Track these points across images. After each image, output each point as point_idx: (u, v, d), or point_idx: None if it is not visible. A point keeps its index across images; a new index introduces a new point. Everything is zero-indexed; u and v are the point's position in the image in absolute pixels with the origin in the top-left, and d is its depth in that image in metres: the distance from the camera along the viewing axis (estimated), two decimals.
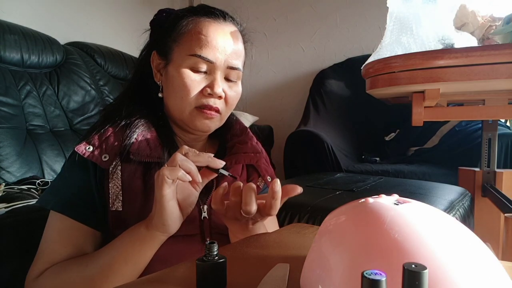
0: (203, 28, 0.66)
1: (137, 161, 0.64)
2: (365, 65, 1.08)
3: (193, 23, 0.67)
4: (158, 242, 0.58)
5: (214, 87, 0.65)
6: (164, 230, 0.56)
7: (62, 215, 0.62)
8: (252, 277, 0.41)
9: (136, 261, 0.57)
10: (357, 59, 2.39)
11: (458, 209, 1.18)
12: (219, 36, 0.66)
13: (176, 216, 0.56)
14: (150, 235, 0.57)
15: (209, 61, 0.65)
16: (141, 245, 0.57)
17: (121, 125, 0.66)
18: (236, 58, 0.68)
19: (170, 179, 0.52)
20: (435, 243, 0.31)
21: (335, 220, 0.38)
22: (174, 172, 0.52)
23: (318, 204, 1.13)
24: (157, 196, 0.54)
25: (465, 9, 1.06)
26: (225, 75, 0.68)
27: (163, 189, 0.52)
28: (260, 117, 2.50)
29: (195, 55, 0.65)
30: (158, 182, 0.53)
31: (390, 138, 2.28)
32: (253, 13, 2.76)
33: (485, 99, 1.10)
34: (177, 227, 0.57)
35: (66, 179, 0.66)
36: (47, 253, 0.61)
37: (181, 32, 0.67)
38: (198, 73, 0.66)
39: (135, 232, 0.58)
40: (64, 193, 0.64)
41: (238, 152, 0.73)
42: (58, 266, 0.60)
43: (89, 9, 2.22)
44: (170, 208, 0.54)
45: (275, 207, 0.54)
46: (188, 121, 0.68)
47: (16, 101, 1.43)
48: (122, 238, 0.59)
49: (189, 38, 0.66)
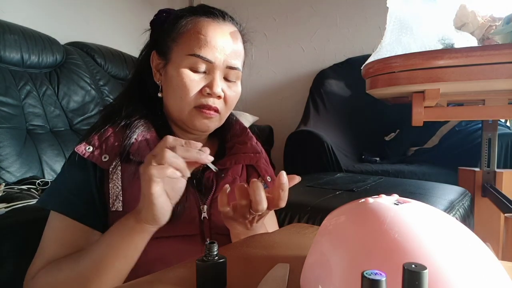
0: (202, 28, 0.66)
1: (137, 161, 0.63)
2: (365, 65, 1.08)
3: (192, 23, 0.67)
4: (148, 233, 0.57)
5: (213, 87, 0.65)
6: (153, 223, 0.55)
7: (62, 215, 0.62)
8: (252, 277, 0.41)
9: (127, 254, 0.57)
10: (357, 59, 2.39)
11: (458, 209, 1.18)
12: (218, 36, 0.66)
13: (166, 207, 0.55)
14: (139, 227, 0.56)
15: (208, 61, 0.65)
16: (131, 238, 0.56)
17: (121, 125, 0.66)
18: (235, 58, 0.68)
19: (158, 178, 0.51)
20: (435, 243, 0.31)
21: (335, 220, 0.38)
22: (162, 171, 0.51)
23: (318, 204, 1.13)
24: (146, 194, 0.52)
25: (465, 9, 1.06)
26: (224, 75, 0.68)
27: (152, 187, 0.51)
28: (260, 117, 2.50)
29: (194, 55, 0.65)
30: (145, 180, 0.52)
31: (390, 138, 2.28)
32: (253, 13, 2.76)
33: (485, 99, 1.10)
34: (167, 218, 0.56)
35: (66, 180, 0.66)
36: (45, 252, 0.61)
37: (180, 32, 0.67)
38: (197, 73, 0.66)
39: (123, 225, 0.57)
40: (64, 194, 0.64)
41: (238, 152, 0.73)
42: (53, 264, 0.60)
43: (89, 9, 2.22)
44: (159, 204, 0.53)
45: (284, 198, 0.56)
46: (187, 121, 0.68)
47: (16, 101, 1.43)
48: (111, 232, 0.58)
49: (188, 38, 0.66)
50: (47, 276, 0.59)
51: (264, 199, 0.55)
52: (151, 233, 0.57)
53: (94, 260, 0.57)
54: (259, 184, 0.55)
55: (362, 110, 2.36)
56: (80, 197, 0.63)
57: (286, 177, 0.55)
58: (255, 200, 0.54)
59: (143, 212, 0.54)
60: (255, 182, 0.55)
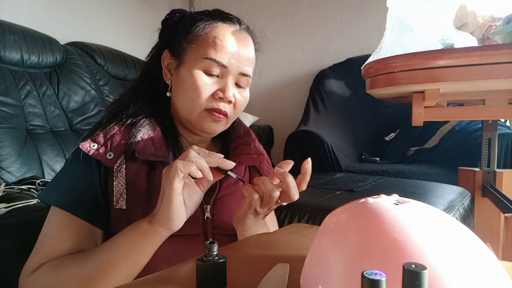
0: (219, 33, 0.67)
1: (142, 160, 0.64)
2: (365, 65, 1.08)
3: (210, 27, 0.68)
4: (160, 238, 0.58)
5: (226, 92, 0.67)
6: (168, 225, 0.56)
7: (63, 211, 0.62)
8: (252, 277, 0.41)
9: (136, 257, 0.57)
10: (357, 59, 2.39)
11: (458, 209, 1.18)
12: (235, 42, 0.67)
13: (182, 212, 0.56)
14: (152, 230, 0.57)
15: (223, 66, 0.66)
16: (143, 241, 0.57)
17: (126, 123, 0.66)
18: (248, 65, 0.69)
19: (183, 172, 0.53)
20: (435, 243, 0.31)
21: (335, 220, 0.38)
22: (187, 166, 0.53)
23: (318, 204, 1.13)
24: (166, 189, 0.54)
25: (465, 9, 1.06)
26: (236, 80, 0.69)
27: (174, 182, 0.53)
28: (260, 117, 2.51)
29: (210, 59, 0.65)
30: (170, 174, 0.54)
31: (390, 138, 2.28)
32: (253, 13, 2.76)
33: (485, 99, 1.10)
34: (180, 224, 0.57)
35: (69, 176, 0.65)
36: (45, 248, 0.61)
37: (197, 35, 0.68)
38: (211, 76, 0.67)
39: (137, 228, 0.58)
40: (66, 189, 0.64)
41: (241, 154, 0.74)
42: (55, 261, 0.59)
43: (89, 9, 2.22)
44: (177, 203, 0.55)
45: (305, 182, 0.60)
46: (196, 123, 0.69)
47: (16, 101, 1.43)
48: (123, 234, 0.59)
49: (205, 41, 0.67)
50: (48, 273, 0.58)
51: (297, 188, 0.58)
52: (162, 238, 0.58)
53: (101, 261, 0.57)
54: (289, 174, 0.58)
55: (362, 110, 2.36)
56: (82, 193, 0.63)
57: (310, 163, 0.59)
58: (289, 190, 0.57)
59: (160, 212, 0.56)
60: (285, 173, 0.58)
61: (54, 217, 0.63)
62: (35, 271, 0.59)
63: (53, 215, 0.63)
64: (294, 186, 0.58)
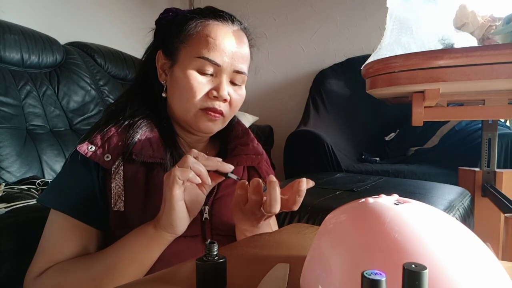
0: (211, 31, 0.66)
1: (139, 161, 0.64)
2: (365, 65, 1.08)
3: (202, 26, 0.67)
4: (165, 242, 0.58)
5: (220, 90, 0.66)
6: (172, 230, 0.57)
7: (63, 214, 0.62)
8: (252, 277, 0.41)
9: (142, 261, 0.58)
10: (357, 59, 2.39)
11: (458, 209, 1.18)
12: (227, 40, 0.66)
13: (184, 216, 0.57)
14: (157, 235, 0.57)
15: (216, 64, 0.65)
16: (148, 245, 0.57)
17: (124, 125, 0.66)
18: (242, 62, 0.69)
19: (181, 179, 0.53)
20: (435, 243, 0.31)
21: (335, 220, 0.38)
22: (185, 173, 0.53)
23: (318, 204, 1.12)
24: (167, 196, 0.55)
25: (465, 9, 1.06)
26: (231, 78, 0.69)
27: (174, 189, 0.53)
28: (260, 117, 2.50)
29: (203, 58, 0.65)
30: (169, 182, 0.54)
31: (390, 138, 2.28)
32: (253, 13, 2.75)
33: (485, 99, 1.10)
34: (184, 228, 0.58)
35: (68, 178, 0.65)
36: (48, 252, 0.61)
37: (189, 34, 0.67)
38: (205, 75, 0.66)
39: (142, 232, 0.58)
40: (66, 192, 0.64)
41: (240, 154, 0.73)
42: (61, 265, 0.60)
43: (89, 9, 2.22)
44: (179, 208, 0.55)
45: (298, 203, 0.59)
46: (192, 122, 0.68)
47: (16, 101, 1.43)
48: (129, 238, 0.59)
49: (197, 40, 0.66)
50: (54, 277, 0.58)
51: (279, 201, 0.56)
52: (167, 242, 0.59)
53: (108, 264, 0.57)
54: (277, 185, 0.56)
55: (362, 110, 2.36)
56: (82, 196, 0.63)
57: (305, 184, 0.57)
58: (269, 200, 0.55)
59: (163, 218, 0.56)
60: (273, 183, 0.56)
61: (55, 220, 0.63)
62: (40, 275, 0.60)
63: (54, 218, 0.63)
64: (275, 198, 0.55)
